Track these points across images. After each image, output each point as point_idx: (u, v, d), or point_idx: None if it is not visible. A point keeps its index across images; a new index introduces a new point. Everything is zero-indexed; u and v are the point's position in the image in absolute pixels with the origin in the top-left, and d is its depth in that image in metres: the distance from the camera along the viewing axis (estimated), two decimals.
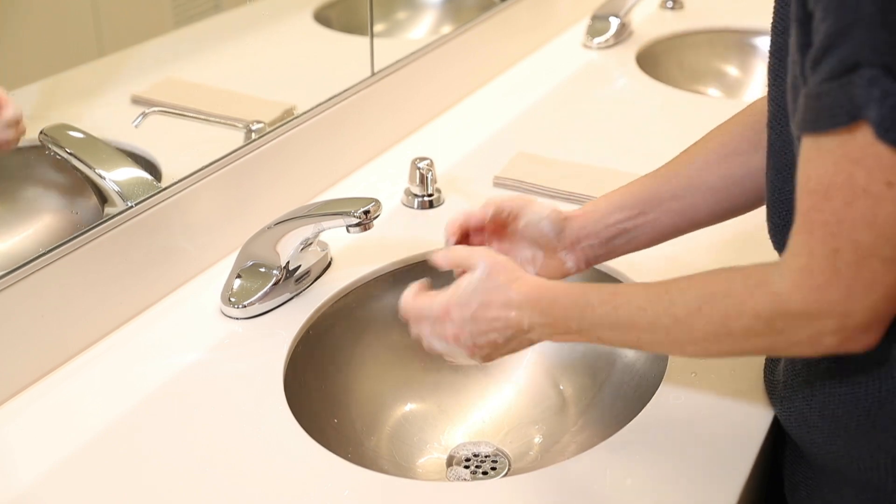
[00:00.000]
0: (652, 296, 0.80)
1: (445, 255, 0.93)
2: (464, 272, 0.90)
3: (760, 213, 0.94)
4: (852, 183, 0.66)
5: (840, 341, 0.71)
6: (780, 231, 0.86)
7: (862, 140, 0.66)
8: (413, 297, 0.91)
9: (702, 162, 0.96)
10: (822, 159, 0.68)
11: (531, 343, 0.88)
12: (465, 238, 0.99)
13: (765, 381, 0.97)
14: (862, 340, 0.71)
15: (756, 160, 0.93)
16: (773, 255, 0.88)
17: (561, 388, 1.14)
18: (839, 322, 0.70)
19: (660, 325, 0.79)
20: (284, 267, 1.09)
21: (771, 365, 0.96)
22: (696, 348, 0.79)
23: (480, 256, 0.89)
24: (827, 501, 0.88)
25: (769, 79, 0.86)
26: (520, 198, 1.00)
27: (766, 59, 0.87)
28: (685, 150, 0.99)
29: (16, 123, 0.98)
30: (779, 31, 0.84)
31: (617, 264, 1.12)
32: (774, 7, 0.84)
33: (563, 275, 0.99)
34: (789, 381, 0.89)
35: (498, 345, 0.87)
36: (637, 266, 1.12)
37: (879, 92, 0.64)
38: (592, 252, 0.98)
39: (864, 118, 0.65)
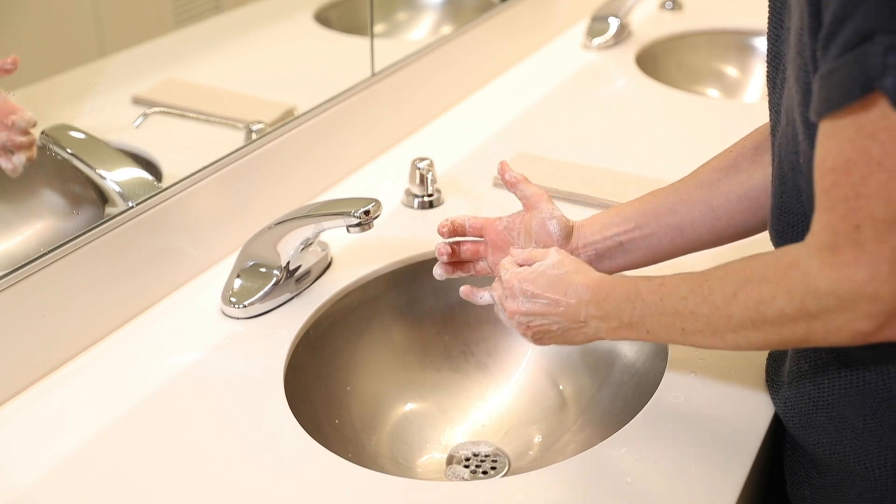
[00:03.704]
0: (693, 285, 0.81)
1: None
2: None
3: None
4: (868, 157, 0.66)
5: (876, 327, 0.70)
6: (781, 236, 0.86)
7: (875, 113, 0.65)
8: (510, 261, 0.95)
9: (702, 179, 0.97)
10: (837, 137, 0.68)
11: (586, 338, 0.89)
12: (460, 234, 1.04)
13: (767, 381, 0.97)
14: None
15: (756, 177, 0.93)
16: None
17: (560, 387, 1.15)
18: (870, 305, 0.69)
19: (700, 314, 0.79)
20: (285, 267, 1.09)
21: (774, 367, 0.96)
22: (737, 336, 0.78)
23: (551, 249, 0.93)
24: (833, 499, 0.88)
25: (768, 86, 0.86)
26: (539, 189, 1.01)
27: (766, 60, 0.87)
28: (693, 171, 0.99)
29: (30, 128, 0.98)
30: (773, 39, 0.83)
31: None
32: (769, 16, 0.84)
33: None
34: (794, 382, 0.89)
35: (551, 332, 0.90)
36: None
37: None
38: (593, 264, 0.97)
39: (878, 88, 0.64)
